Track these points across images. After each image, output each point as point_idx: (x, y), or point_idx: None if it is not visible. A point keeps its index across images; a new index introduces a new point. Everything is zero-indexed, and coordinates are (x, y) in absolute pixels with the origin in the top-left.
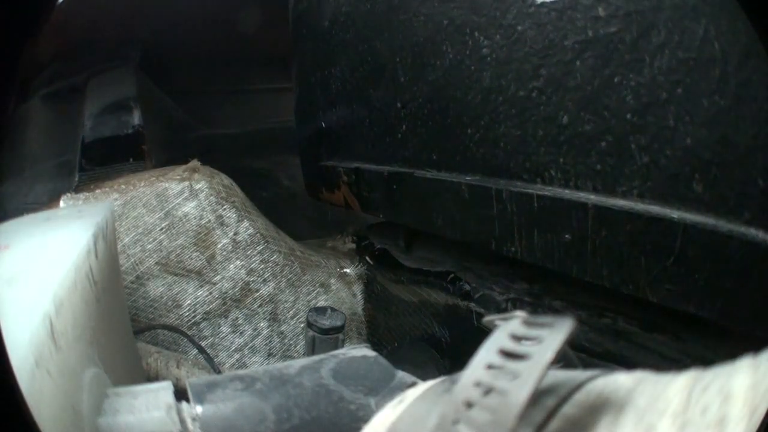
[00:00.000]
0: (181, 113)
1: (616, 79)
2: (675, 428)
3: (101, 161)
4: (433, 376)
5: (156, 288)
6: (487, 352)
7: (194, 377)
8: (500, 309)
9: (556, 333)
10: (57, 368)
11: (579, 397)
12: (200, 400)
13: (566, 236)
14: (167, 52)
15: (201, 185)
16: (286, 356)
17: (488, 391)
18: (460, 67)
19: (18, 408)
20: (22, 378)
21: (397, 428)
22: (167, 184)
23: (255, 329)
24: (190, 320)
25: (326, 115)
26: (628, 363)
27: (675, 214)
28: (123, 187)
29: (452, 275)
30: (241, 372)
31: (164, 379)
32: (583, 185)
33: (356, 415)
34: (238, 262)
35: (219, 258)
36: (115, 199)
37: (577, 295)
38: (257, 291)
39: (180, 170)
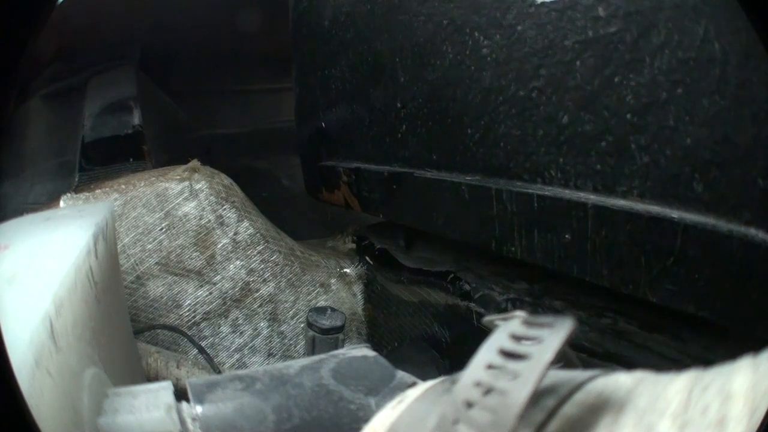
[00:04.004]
0: (181, 113)
1: (616, 79)
2: (675, 428)
3: (101, 161)
4: (433, 376)
5: (156, 288)
6: (487, 352)
7: (194, 377)
8: (500, 309)
9: (556, 333)
10: (57, 368)
11: (579, 397)
12: (200, 400)
13: (566, 236)
14: (167, 52)
15: (201, 185)
16: (286, 356)
17: (488, 391)
18: (460, 67)
19: (18, 408)
20: (22, 378)
21: (397, 428)
22: (167, 184)
23: (255, 329)
24: (190, 320)
25: (326, 115)
26: (628, 363)
27: (675, 214)
28: (123, 187)
29: (452, 275)
30: (241, 372)
31: (164, 379)
32: (583, 185)
33: (356, 415)
34: (238, 262)
35: (219, 258)
36: (115, 199)
37: (577, 295)
38: (257, 291)
39: (180, 170)
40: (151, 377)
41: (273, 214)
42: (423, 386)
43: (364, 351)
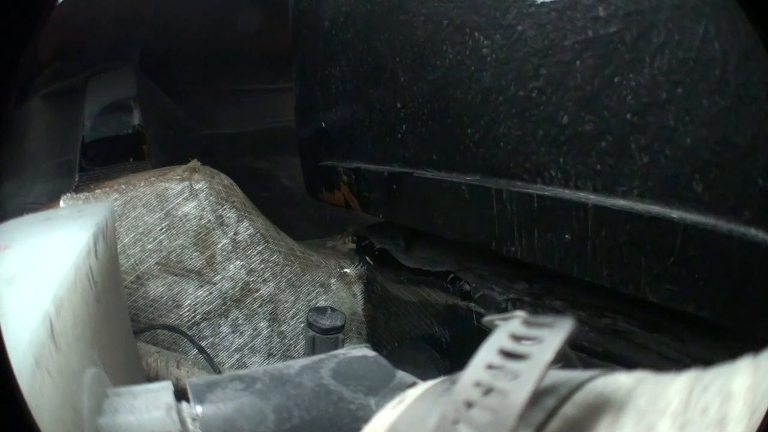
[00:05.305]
0: (181, 113)
1: (616, 79)
2: (675, 428)
3: (101, 161)
4: (433, 376)
5: (156, 288)
6: (487, 352)
7: (194, 377)
8: (500, 309)
9: (556, 333)
10: (57, 368)
11: (579, 397)
12: (200, 400)
13: (566, 236)
14: (167, 52)
15: (201, 185)
16: (286, 356)
17: (488, 391)
18: (460, 67)
19: (18, 408)
20: (22, 378)
21: (397, 428)
22: (167, 184)
23: (255, 329)
24: (190, 320)
25: (326, 115)
26: (628, 363)
27: (675, 214)
28: (123, 187)
29: (452, 275)
30: (241, 372)
31: (164, 379)
32: (583, 185)
33: (356, 415)
34: (238, 262)
35: (219, 258)
36: (115, 199)
37: (577, 295)
38: (257, 291)
39: (180, 170)
40: (151, 377)
41: (273, 214)
42: (423, 386)
43: (364, 351)
